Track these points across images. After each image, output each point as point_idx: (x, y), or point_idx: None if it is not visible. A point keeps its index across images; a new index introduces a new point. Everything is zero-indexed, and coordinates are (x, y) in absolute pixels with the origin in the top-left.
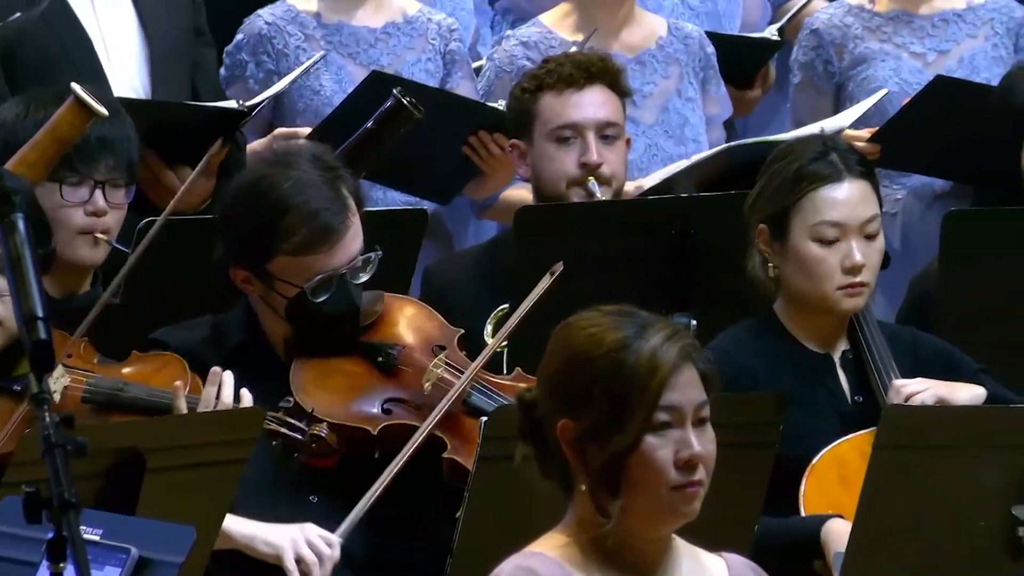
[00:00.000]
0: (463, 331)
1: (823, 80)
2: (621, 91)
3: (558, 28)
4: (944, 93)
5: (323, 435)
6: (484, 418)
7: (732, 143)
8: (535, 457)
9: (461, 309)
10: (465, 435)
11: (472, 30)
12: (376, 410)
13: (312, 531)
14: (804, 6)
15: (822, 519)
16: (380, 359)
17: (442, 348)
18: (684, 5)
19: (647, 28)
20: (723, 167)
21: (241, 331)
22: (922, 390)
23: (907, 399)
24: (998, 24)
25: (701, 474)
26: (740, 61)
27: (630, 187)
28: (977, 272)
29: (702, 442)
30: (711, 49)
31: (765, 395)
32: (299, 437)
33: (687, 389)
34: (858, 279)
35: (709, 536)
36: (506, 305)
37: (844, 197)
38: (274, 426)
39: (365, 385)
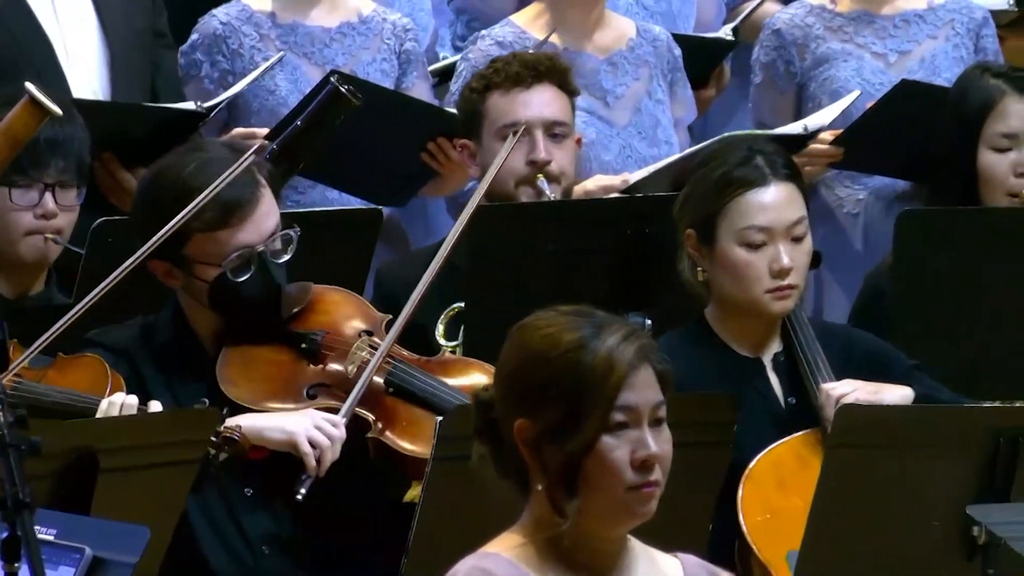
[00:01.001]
0: (390, 316)
1: (784, 80)
2: (569, 90)
3: (531, 28)
4: (908, 97)
5: (236, 438)
6: (440, 418)
7: (727, 134)
8: (491, 457)
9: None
10: (389, 415)
11: (430, 31)
12: (301, 397)
13: (317, 415)
14: (758, 6)
15: None
16: (304, 346)
17: (369, 334)
18: (638, 5)
19: (617, 30)
20: None
21: (169, 328)
22: (850, 391)
23: (837, 402)
24: (959, 24)
25: (657, 474)
26: (695, 61)
27: (616, 180)
28: (929, 271)
29: (658, 442)
30: (678, 52)
31: (719, 395)
32: (212, 439)
33: (644, 389)
34: (786, 282)
35: (664, 536)
36: (459, 304)
37: (770, 201)
38: None
39: (290, 373)
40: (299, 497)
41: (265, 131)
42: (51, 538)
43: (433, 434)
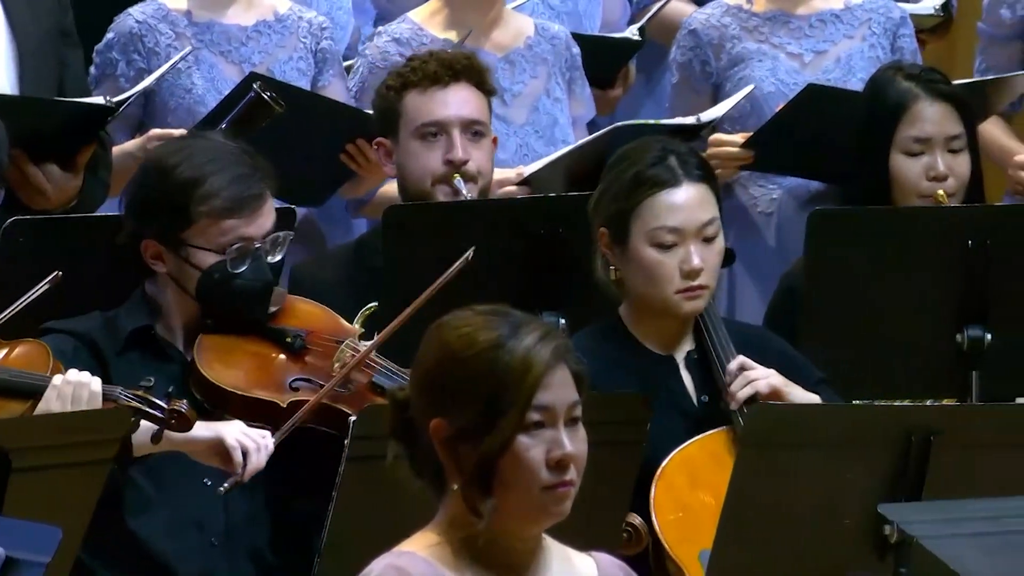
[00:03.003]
0: (363, 331)
1: (700, 80)
2: (486, 89)
3: (428, 25)
4: (816, 100)
5: (183, 410)
6: (353, 417)
7: (617, 124)
8: (406, 456)
9: (330, 308)
10: None
11: (350, 29)
12: (285, 388)
13: (243, 425)
14: (663, 5)
15: None
16: (288, 340)
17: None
18: (544, 5)
19: (515, 28)
20: (600, 155)
21: (137, 319)
22: (763, 377)
23: (747, 382)
24: (875, 24)
25: (572, 474)
26: (601, 61)
27: (511, 174)
28: (841, 270)
29: (574, 442)
30: (576, 50)
31: (632, 394)
32: (158, 414)
33: (560, 389)
34: (696, 283)
35: (578, 535)
36: (374, 304)
37: (681, 202)
38: (134, 403)
39: (273, 364)
40: (221, 491)
41: (181, 132)
42: None
43: (347, 434)
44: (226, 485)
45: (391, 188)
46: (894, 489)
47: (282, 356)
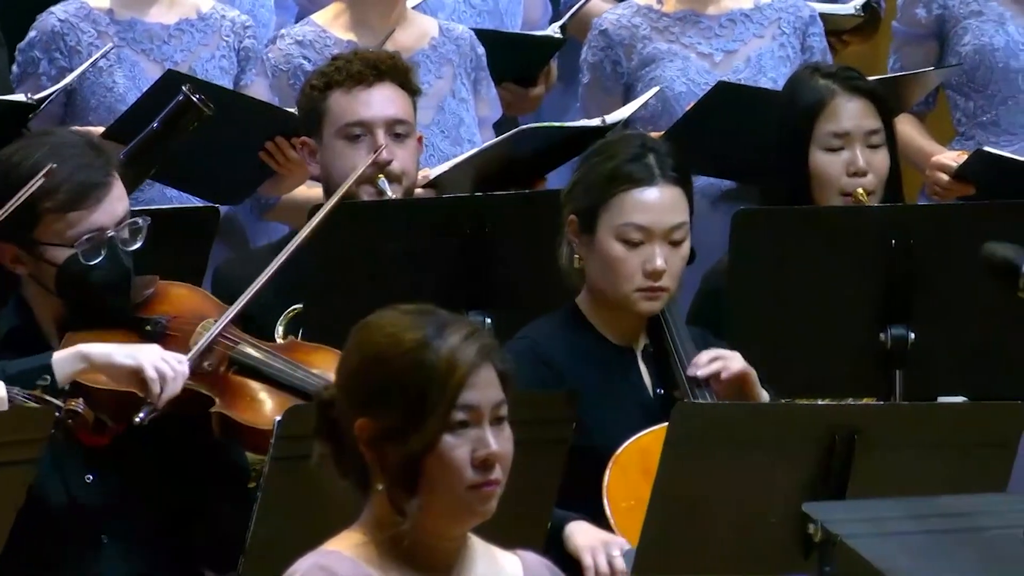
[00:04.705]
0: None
1: (612, 80)
2: (411, 89)
3: (331, 27)
4: (727, 98)
5: (79, 410)
6: (278, 417)
7: (522, 127)
8: (332, 457)
9: (253, 307)
10: (233, 391)
11: (271, 27)
12: None
13: (160, 350)
14: (584, 3)
15: (568, 518)
16: (148, 328)
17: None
18: (466, 3)
19: (419, 29)
20: (505, 156)
21: (12, 319)
22: (732, 358)
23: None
24: (785, 24)
25: (498, 473)
26: (523, 59)
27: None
28: (766, 270)
29: (499, 441)
30: (481, 50)
31: (556, 393)
32: (55, 414)
33: (485, 388)
34: (657, 284)
35: (503, 534)
36: (298, 306)
37: (653, 202)
38: (30, 404)
39: None
40: (137, 421)
41: (101, 129)
42: None
43: (272, 433)
44: (142, 416)
45: (299, 190)
46: (818, 488)
47: (145, 342)
